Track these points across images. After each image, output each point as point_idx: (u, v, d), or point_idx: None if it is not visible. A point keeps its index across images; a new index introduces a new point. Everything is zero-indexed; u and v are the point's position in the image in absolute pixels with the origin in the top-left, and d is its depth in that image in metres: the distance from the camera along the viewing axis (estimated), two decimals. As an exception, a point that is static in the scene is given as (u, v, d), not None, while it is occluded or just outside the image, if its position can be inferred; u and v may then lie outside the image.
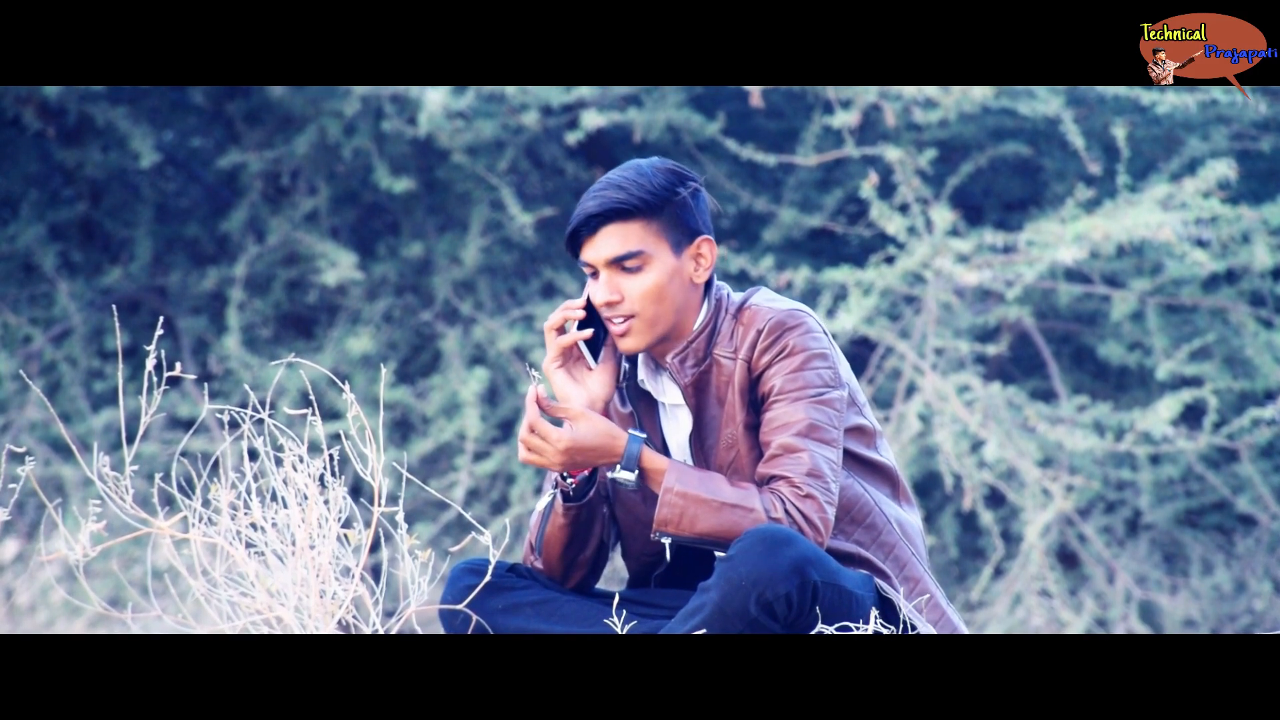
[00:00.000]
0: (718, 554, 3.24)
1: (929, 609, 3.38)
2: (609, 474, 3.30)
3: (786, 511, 3.26)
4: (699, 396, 3.38)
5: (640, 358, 3.43)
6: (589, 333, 3.38)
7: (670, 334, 3.39)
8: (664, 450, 3.43)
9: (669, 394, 3.43)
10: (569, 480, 3.38)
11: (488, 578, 3.34)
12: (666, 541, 3.32)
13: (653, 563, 3.44)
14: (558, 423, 3.33)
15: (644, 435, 3.32)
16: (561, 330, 3.39)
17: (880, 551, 3.37)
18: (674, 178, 3.37)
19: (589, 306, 3.38)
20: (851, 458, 3.39)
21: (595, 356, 3.40)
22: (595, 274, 3.38)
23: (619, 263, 3.36)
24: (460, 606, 3.34)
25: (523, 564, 3.43)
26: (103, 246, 7.57)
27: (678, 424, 3.43)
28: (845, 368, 3.40)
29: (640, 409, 3.44)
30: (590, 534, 3.42)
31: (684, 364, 3.37)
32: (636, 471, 3.30)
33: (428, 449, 7.23)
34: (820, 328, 3.36)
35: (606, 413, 3.43)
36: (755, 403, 3.36)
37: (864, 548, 3.37)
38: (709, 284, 3.42)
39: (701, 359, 3.38)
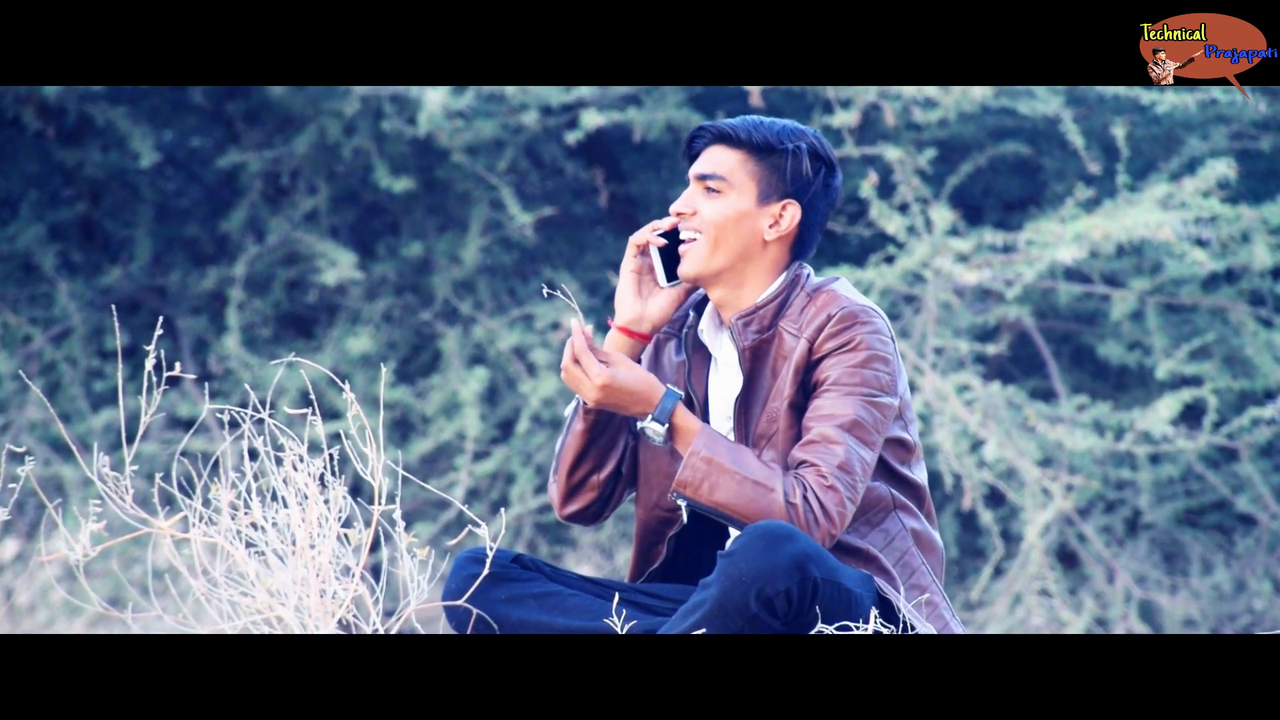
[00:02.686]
0: (719, 552, 3.24)
1: (932, 616, 3.38)
2: (639, 424, 3.32)
3: (805, 498, 3.27)
4: (754, 363, 3.40)
5: (707, 310, 3.45)
6: (662, 240, 3.42)
7: (728, 280, 3.40)
8: (705, 404, 3.45)
9: (724, 352, 3.45)
10: None
11: (487, 568, 3.34)
12: (682, 504, 3.33)
13: (665, 519, 3.44)
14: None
15: (682, 394, 3.34)
16: (645, 251, 3.44)
17: (890, 555, 3.38)
18: (797, 136, 3.41)
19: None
20: (884, 469, 3.40)
21: (670, 278, 3.43)
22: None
23: (704, 180, 3.40)
24: (462, 602, 3.34)
25: (527, 555, 3.44)
26: (102, 246, 7.57)
27: (727, 383, 3.45)
28: (904, 382, 3.41)
29: (694, 361, 3.45)
30: (608, 456, 3.44)
31: (747, 328, 3.39)
32: (667, 425, 3.31)
33: (427, 449, 7.23)
34: (889, 333, 3.37)
35: (657, 352, 3.47)
36: (806, 384, 3.37)
37: (875, 548, 3.38)
38: (792, 259, 3.42)
39: (766, 327, 3.39)
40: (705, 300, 3.48)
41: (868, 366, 3.34)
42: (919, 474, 3.43)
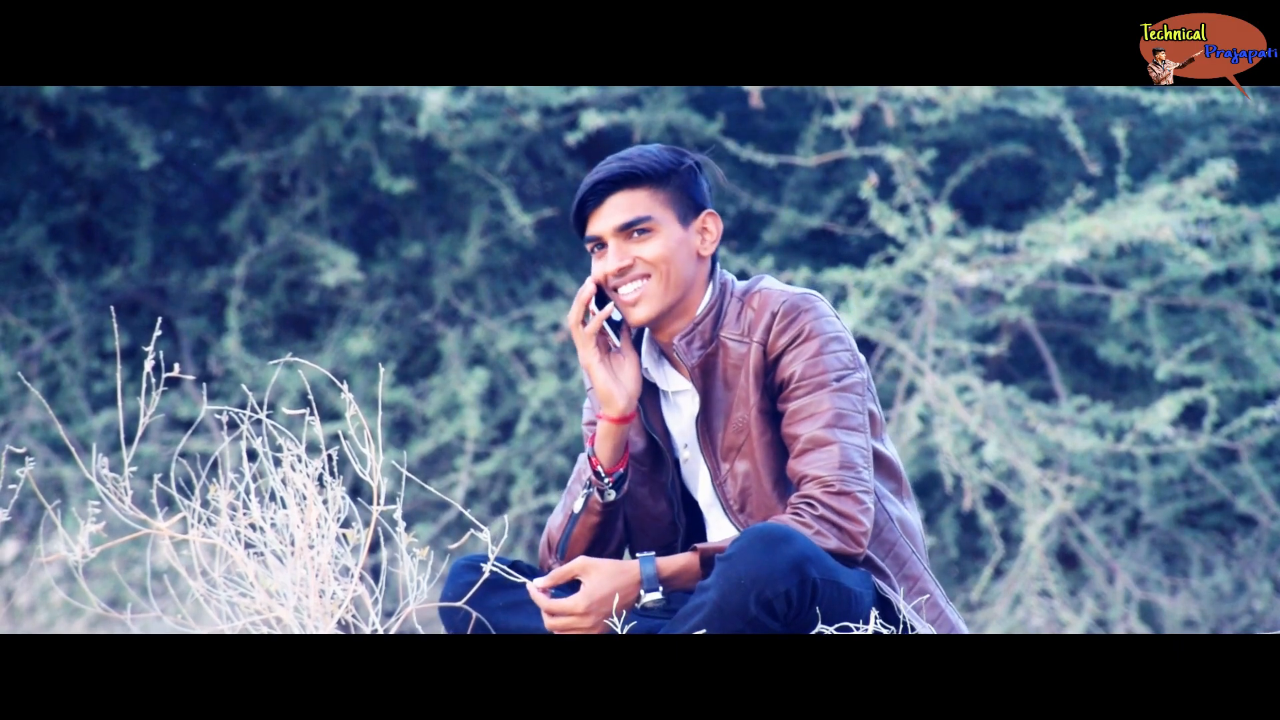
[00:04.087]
0: (717, 554, 3.24)
1: (927, 608, 3.37)
2: (639, 605, 3.29)
3: (817, 517, 3.25)
4: (705, 379, 3.38)
5: (644, 347, 3.44)
6: (610, 307, 3.37)
7: (677, 309, 3.39)
8: (666, 438, 3.44)
9: (672, 382, 3.43)
10: (606, 480, 3.39)
11: (486, 573, 3.33)
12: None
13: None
14: (563, 590, 3.32)
15: (651, 553, 3.32)
16: (585, 323, 3.39)
17: (880, 549, 3.37)
18: (676, 153, 3.40)
19: (600, 293, 3.39)
20: None
21: (617, 336, 3.41)
22: (600, 249, 3.38)
23: (628, 229, 3.36)
24: (460, 604, 3.34)
25: (524, 562, 3.43)
26: (102, 247, 7.57)
27: (680, 411, 3.44)
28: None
29: (646, 402, 3.44)
30: (614, 532, 3.43)
31: (691, 345, 3.38)
32: (660, 588, 3.28)
33: (427, 449, 7.23)
34: (832, 311, 3.37)
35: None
36: (770, 387, 3.36)
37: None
38: (713, 268, 3.43)
39: (709, 340, 3.38)
40: (636, 339, 3.46)
41: (826, 352, 3.34)
42: (889, 447, 3.42)
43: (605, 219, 3.36)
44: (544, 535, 3.48)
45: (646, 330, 3.44)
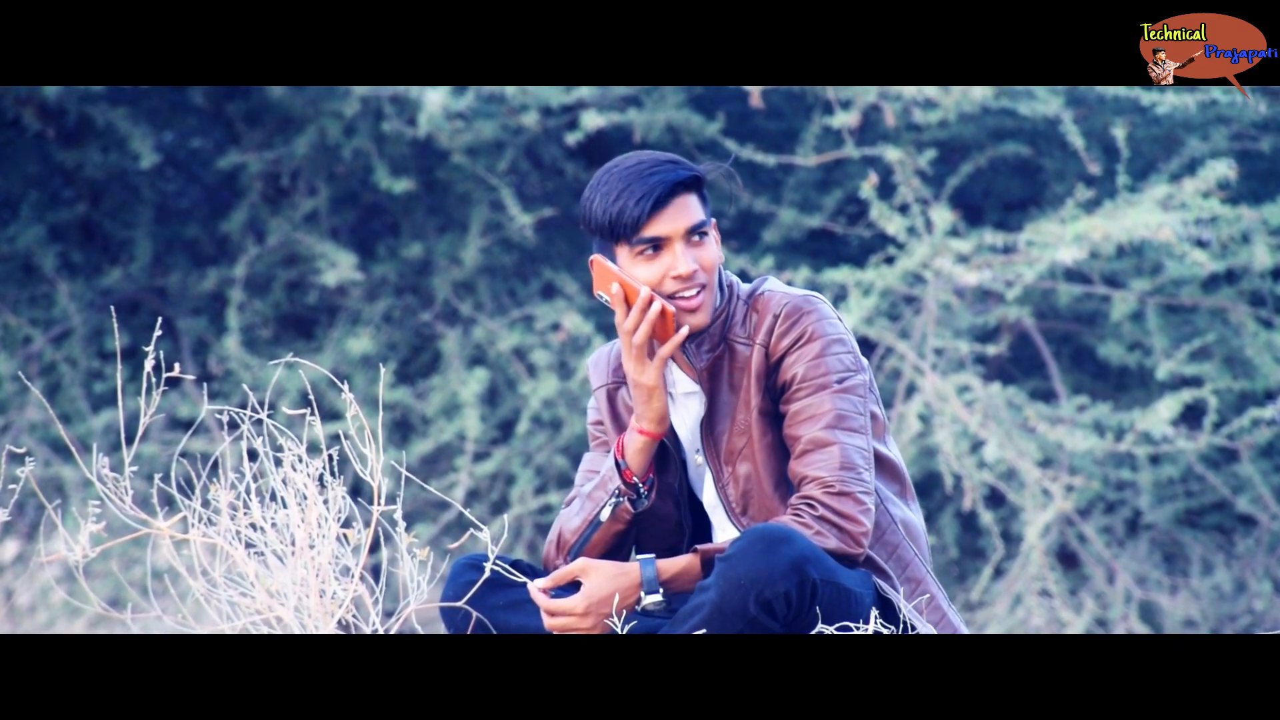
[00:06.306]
0: (717, 555, 3.24)
1: (929, 610, 3.37)
2: (639, 608, 3.29)
3: (817, 518, 3.25)
4: (712, 382, 3.38)
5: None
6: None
7: None
8: (674, 440, 3.44)
9: (679, 384, 3.43)
10: (642, 490, 3.38)
11: (486, 573, 3.33)
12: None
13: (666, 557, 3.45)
14: (563, 591, 3.32)
15: (651, 555, 3.31)
16: (659, 336, 3.35)
17: (883, 551, 3.37)
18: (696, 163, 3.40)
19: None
20: None
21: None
22: (655, 251, 3.34)
23: (693, 233, 3.34)
24: (461, 604, 3.34)
25: (524, 561, 3.43)
26: (102, 247, 7.57)
27: (687, 413, 3.43)
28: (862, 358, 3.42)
29: None
30: (629, 538, 3.43)
31: (700, 348, 3.37)
32: (660, 591, 3.28)
33: (427, 449, 7.23)
34: (835, 313, 3.37)
35: (612, 404, 3.45)
36: (772, 389, 3.35)
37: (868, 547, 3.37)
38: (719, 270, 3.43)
39: (717, 344, 3.38)
40: None
41: (828, 353, 3.33)
42: (893, 449, 3.42)
43: (674, 220, 3.32)
44: (552, 537, 3.46)
45: None
